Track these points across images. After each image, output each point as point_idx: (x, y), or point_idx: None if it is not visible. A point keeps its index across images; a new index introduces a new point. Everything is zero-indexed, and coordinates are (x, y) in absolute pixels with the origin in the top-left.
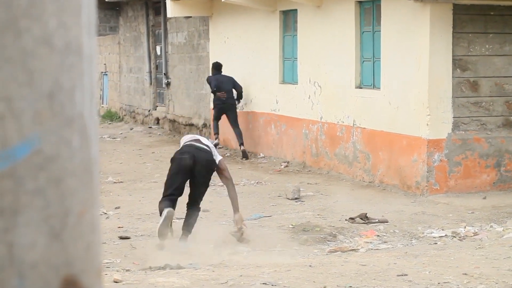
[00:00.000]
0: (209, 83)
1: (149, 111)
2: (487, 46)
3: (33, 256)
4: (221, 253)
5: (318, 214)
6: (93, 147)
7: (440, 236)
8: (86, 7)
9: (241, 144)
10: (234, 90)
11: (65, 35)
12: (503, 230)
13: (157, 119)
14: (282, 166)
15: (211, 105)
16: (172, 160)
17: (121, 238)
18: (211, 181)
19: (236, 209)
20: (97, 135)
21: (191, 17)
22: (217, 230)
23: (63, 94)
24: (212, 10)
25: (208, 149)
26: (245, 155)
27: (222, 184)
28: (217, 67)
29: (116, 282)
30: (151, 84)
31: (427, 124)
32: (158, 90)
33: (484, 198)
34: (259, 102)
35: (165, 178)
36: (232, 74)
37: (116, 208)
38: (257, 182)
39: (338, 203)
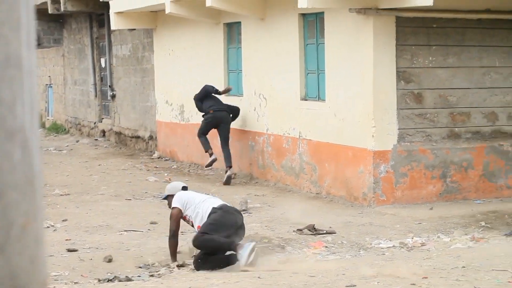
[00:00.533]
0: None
1: (94, 123)
2: (430, 58)
3: None
4: (170, 265)
5: (266, 226)
6: (35, 159)
7: (388, 247)
8: (25, 21)
9: (229, 167)
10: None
11: (5, 49)
12: (450, 240)
13: (103, 132)
14: None
15: (157, 117)
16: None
17: (69, 250)
18: (159, 193)
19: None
20: (39, 147)
21: (135, 29)
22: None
23: (4, 107)
24: (156, 23)
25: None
26: (228, 181)
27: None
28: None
29: None
30: (96, 96)
31: (373, 136)
32: (103, 102)
33: (431, 208)
34: None
35: (111, 190)
36: (177, 86)
37: (63, 220)
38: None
39: (285, 214)
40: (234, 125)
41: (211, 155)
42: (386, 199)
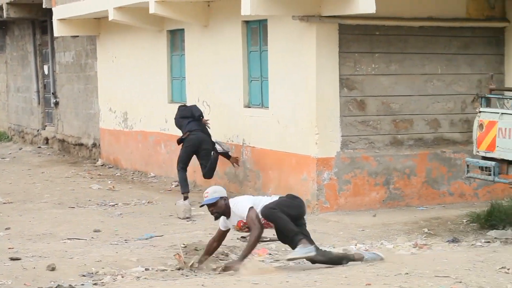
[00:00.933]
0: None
1: (38, 131)
2: (373, 66)
3: None
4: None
5: (209, 233)
6: None
7: None
8: None
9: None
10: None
11: None
12: (393, 247)
13: (46, 139)
14: (173, 186)
15: (100, 124)
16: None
17: (12, 259)
18: (102, 201)
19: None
20: None
21: (78, 36)
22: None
23: None
24: (99, 30)
25: None
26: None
27: (113, 204)
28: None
29: None
30: (39, 103)
31: (316, 143)
32: (46, 110)
33: (374, 215)
34: (148, 122)
35: (54, 198)
36: (120, 94)
37: (6, 229)
38: (148, 202)
39: None
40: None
41: (185, 198)
42: (330, 206)
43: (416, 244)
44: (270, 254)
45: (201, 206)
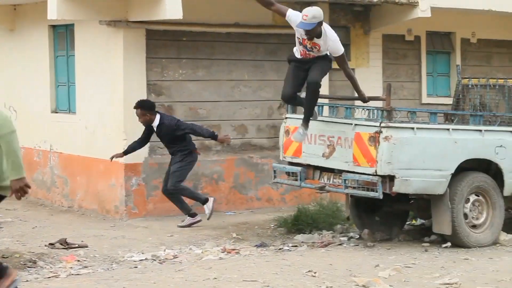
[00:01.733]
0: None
1: None
2: (180, 71)
3: None
4: None
5: (17, 241)
6: None
7: (140, 260)
8: None
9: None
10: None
11: None
12: (202, 252)
13: None
14: None
15: None
16: None
17: None
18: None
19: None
20: None
21: None
22: None
23: None
24: None
25: None
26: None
27: None
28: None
29: None
30: None
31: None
32: None
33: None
34: None
35: None
36: None
37: None
38: None
39: (37, 229)
40: None
41: (194, 215)
42: (138, 212)
43: (224, 249)
44: (78, 261)
45: (299, 27)
